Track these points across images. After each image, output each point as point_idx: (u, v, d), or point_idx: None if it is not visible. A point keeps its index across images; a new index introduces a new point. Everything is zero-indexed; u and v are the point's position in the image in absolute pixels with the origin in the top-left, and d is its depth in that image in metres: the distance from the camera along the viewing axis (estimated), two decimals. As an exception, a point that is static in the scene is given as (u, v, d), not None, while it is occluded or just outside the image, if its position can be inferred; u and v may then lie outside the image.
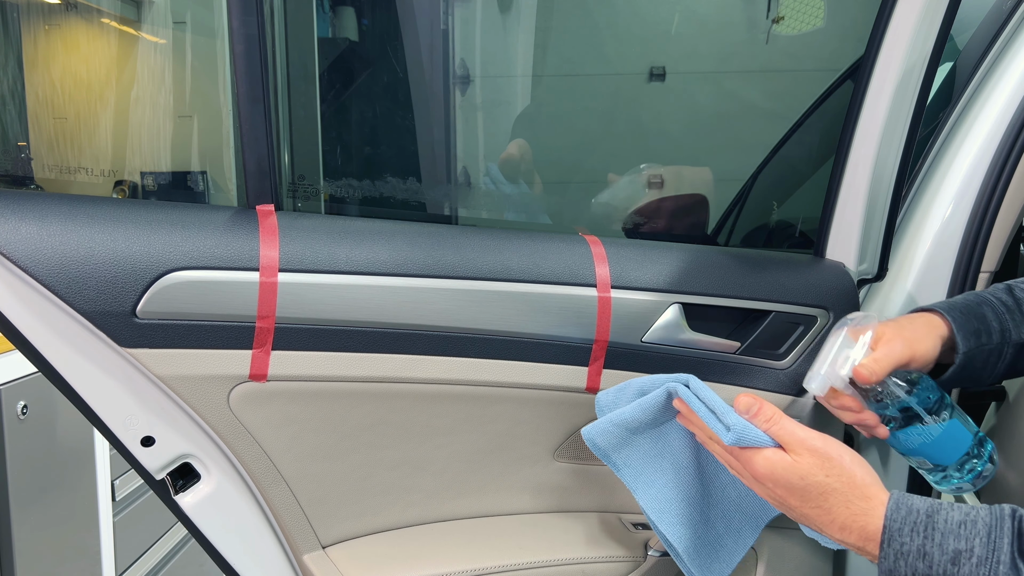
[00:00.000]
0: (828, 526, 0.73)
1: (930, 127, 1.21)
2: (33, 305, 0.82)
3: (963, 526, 0.66)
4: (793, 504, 0.75)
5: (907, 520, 0.68)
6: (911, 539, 0.67)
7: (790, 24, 1.33)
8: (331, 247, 0.91)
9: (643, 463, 0.92)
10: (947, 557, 0.65)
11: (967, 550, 0.64)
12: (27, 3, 1.87)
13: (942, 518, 0.67)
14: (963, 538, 0.65)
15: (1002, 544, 0.64)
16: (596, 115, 1.52)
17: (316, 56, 1.29)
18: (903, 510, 0.68)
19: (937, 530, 0.66)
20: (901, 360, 0.86)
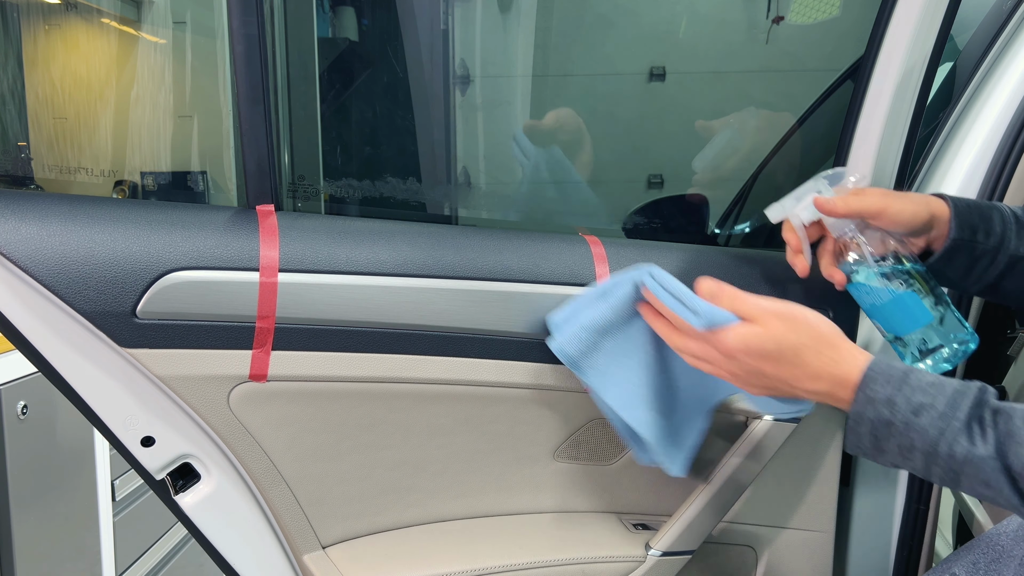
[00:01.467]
0: (801, 379, 0.78)
1: (930, 127, 1.21)
2: (33, 305, 0.82)
3: (932, 386, 0.72)
4: (768, 371, 0.79)
5: (884, 373, 0.74)
6: (883, 388, 0.73)
7: (803, 12, 1.32)
8: (331, 247, 0.91)
9: (610, 364, 0.93)
10: (910, 407, 0.71)
11: (929, 404, 0.71)
12: (27, 3, 1.87)
13: (916, 377, 0.73)
14: (929, 395, 0.71)
15: (962, 406, 0.70)
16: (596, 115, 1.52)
17: (316, 56, 1.29)
18: (883, 365, 0.75)
19: (908, 385, 0.72)
20: (869, 208, 0.88)
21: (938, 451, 0.70)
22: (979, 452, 0.68)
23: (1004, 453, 0.67)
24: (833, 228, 0.93)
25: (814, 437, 1.11)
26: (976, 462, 0.68)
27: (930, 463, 0.71)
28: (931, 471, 0.72)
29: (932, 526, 1.16)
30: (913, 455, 0.72)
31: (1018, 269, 0.91)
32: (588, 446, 1.07)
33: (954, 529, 1.61)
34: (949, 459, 0.70)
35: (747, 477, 1.05)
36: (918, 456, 0.71)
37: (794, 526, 1.14)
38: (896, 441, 0.72)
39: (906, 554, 1.15)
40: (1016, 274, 0.91)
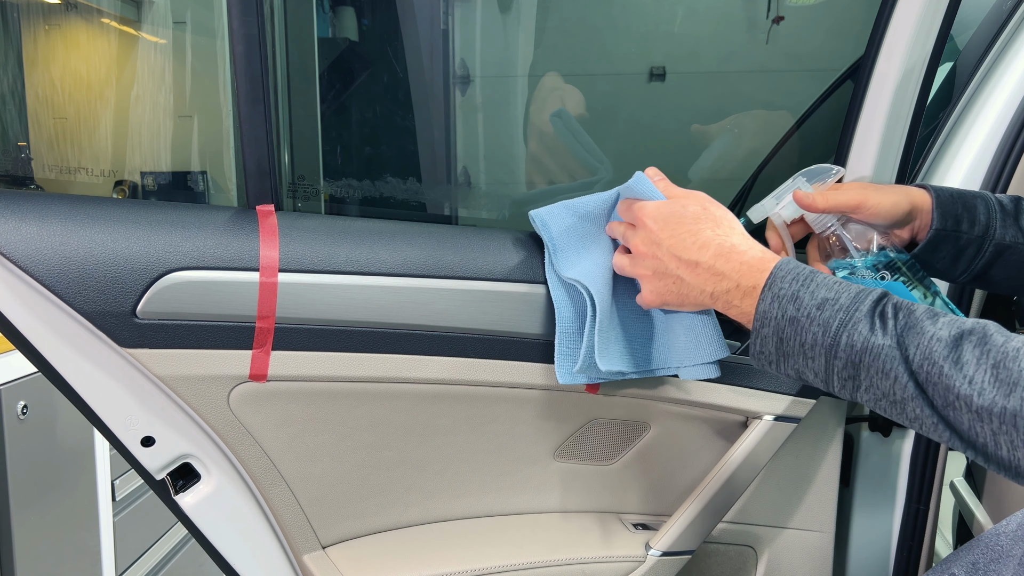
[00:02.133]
0: (689, 248, 0.79)
1: (930, 127, 1.21)
2: (33, 305, 0.82)
3: (837, 283, 0.73)
4: (664, 238, 0.81)
5: (791, 271, 0.74)
6: (790, 286, 0.73)
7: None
8: (331, 247, 0.91)
9: (575, 242, 0.94)
10: (815, 302, 0.71)
11: (833, 299, 0.71)
12: (27, 3, 1.87)
13: (822, 278, 0.74)
14: (834, 291, 0.72)
15: (865, 300, 0.70)
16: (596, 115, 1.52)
17: (316, 56, 1.29)
18: (791, 264, 0.75)
19: (815, 283, 0.73)
20: (848, 202, 0.89)
21: (839, 343, 0.70)
22: (877, 340, 0.68)
23: (903, 344, 0.67)
24: (815, 224, 0.93)
25: (814, 437, 1.11)
26: (874, 350, 0.68)
27: (831, 358, 0.71)
28: (832, 369, 0.71)
29: (932, 526, 1.16)
30: (815, 352, 0.71)
31: (1006, 257, 0.91)
32: (588, 446, 1.07)
33: (954, 529, 1.61)
34: (848, 350, 0.69)
35: (747, 477, 1.05)
36: (819, 353, 0.71)
37: (794, 526, 1.14)
38: (799, 339, 0.72)
39: (906, 554, 1.15)
40: (1004, 263, 0.91)
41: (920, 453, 1.13)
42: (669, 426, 1.08)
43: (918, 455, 1.13)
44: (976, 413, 0.64)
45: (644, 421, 1.07)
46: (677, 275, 0.81)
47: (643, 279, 0.86)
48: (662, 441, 1.09)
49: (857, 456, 1.17)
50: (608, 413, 1.05)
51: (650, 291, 0.85)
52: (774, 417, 1.04)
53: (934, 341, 0.66)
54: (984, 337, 0.66)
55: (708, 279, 0.78)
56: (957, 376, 0.65)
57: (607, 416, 1.05)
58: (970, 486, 1.50)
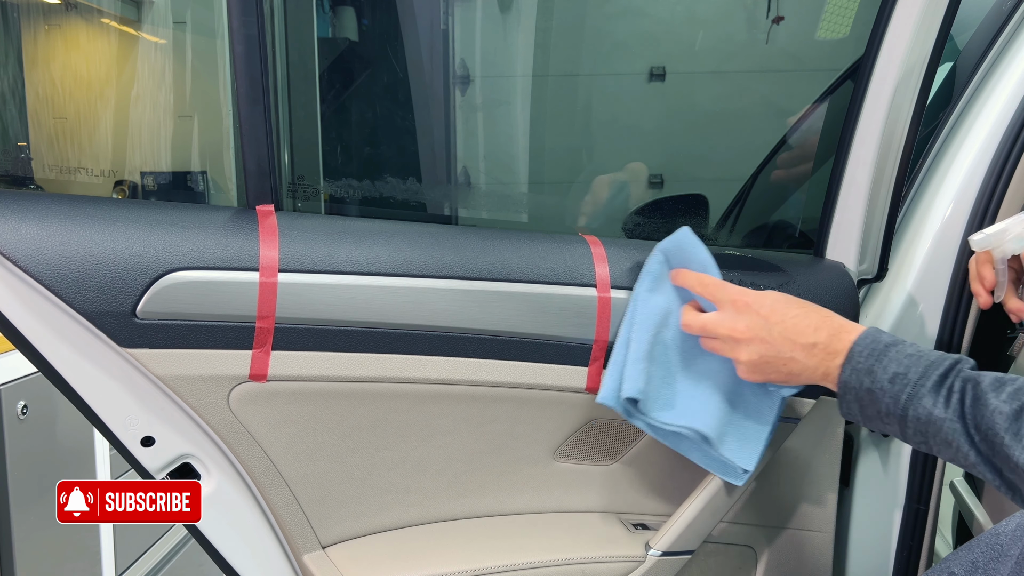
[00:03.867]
0: (804, 331, 0.84)
1: (930, 127, 1.21)
2: (33, 305, 0.82)
3: (910, 358, 0.79)
4: (775, 318, 0.86)
5: (868, 346, 0.81)
6: (865, 360, 0.80)
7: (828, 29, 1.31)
8: (331, 247, 0.91)
9: (660, 389, 0.96)
10: (887, 376, 0.78)
11: (903, 373, 0.78)
12: (27, 3, 1.87)
13: (896, 350, 0.80)
14: (904, 366, 0.78)
15: (932, 374, 0.76)
16: (596, 115, 1.52)
17: (316, 56, 1.29)
18: (868, 339, 0.82)
19: (888, 358, 0.79)
20: None
21: (907, 414, 0.77)
22: (939, 414, 0.75)
23: (966, 416, 0.73)
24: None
25: (814, 437, 1.11)
26: (937, 423, 0.75)
27: (903, 426, 0.78)
28: (907, 434, 0.78)
29: (932, 526, 1.16)
30: (890, 419, 0.79)
31: None
32: (588, 446, 1.07)
33: (954, 529, 1.61)
34: (915, 421, 0.76)
35: (747, 477, 1.05)
36: (893, 420, 0.78)
37: (794, 526, 1.14)
38: (876, 407, 0.79)
39: (906, 554, 1.15)
40: None
41: (920, 453, 1.13)
42: (669, 426, 1.08)
43: (918, 455, 1.13)
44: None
45: (644, 421, 1.07)
46: (790, 357, 0.85)
47: (746, 364, 0.88)
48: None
49: (857, 456, 1.17)
50: (608, 413, 1.05)
51: (752, 371, 0.88)
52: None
53: (996, 414, 0.72)
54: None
55: (823, 358, 0.83)
56: (1016, 447, 0.70)
57: (607, 416, 1.05)
58: (970, 486, 1.50)
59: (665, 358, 0.96)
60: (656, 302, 0.97)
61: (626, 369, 0.94)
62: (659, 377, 0.95)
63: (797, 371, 0.85)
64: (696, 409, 0.95)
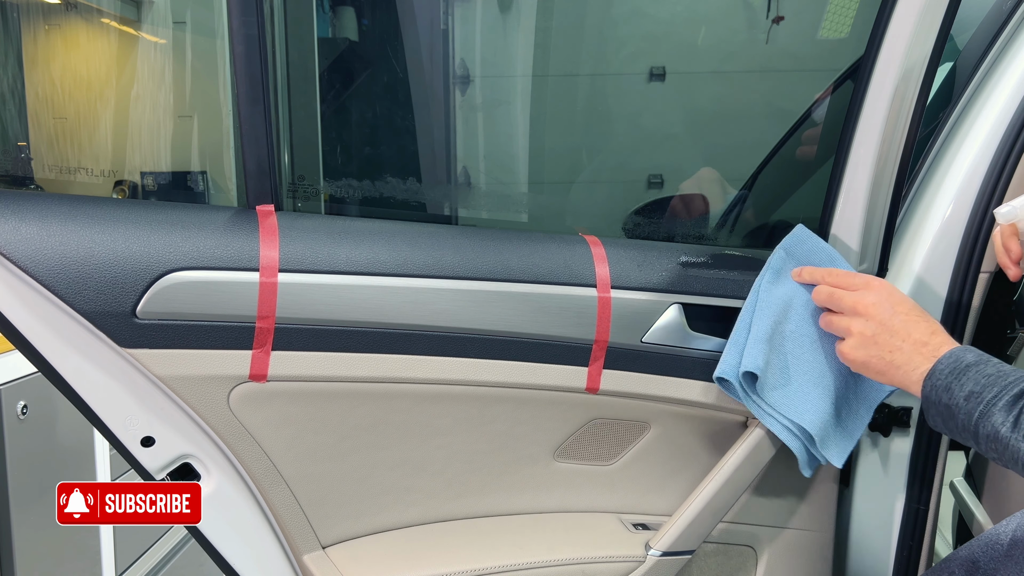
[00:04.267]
0: (911, 339, 0.88)
1: (930, 127, 1.21)
2: (33, 305, 0.82)
3: (988, 377, 0.81)
4: (897, 323, 0.89)
5: (950, 364, 0.84)
6: (945, 379, 0.83)
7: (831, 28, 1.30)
8: (331, 247, 0.91)
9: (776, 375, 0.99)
10: (963, 394, 0.81)
11: (979, 392, 0.80)
12: (27, 3, 1.87)
13: (976, 371, 0.82)
14: (981, 384, 0.80)
15: (1004, 395, 0.78)
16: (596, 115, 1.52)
17: (316, 56, 1.29)
18: (953, 357, 0.84)
19: (967, 376, 0.82)
20: None
21: (979, 431, 0.79)
22: (1006, 434, 0.76)
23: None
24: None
25: (814, 437, 1.11)
26: (1003, 442, 0.77)
27: (977, 440, 0.80)
28: (983, 449, 0.81)
29: (932, 526, 1.16)
30: (966, 434, 0.81)
31: None
32: (588, 446, 1.07)
33: (954, 529, 1.61)
34: (986, 438, 0.79)
35: (747, 477, 1.05)
36: (969, 436, 0.81)
37: (794, 526, 1.14)
38: (954, 422, 0.82)
39: (906, 554, 1.15)
40: None
41: (920, 453, 1.13)
42: (669, 426, 1.08)
43: (918, 455, 1.13)
44: None
45: (644, 421, 1.07)
46: (899, 345, 0.88)
47: (858, 337, 0.91)
48: (662, 441, 1.09)
49: (857, 456, 1.17)
50: (608, 413, 1.05)
51: (859, 346, 0.91)
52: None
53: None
54: None
55: (923, 361, 0.86)
56: None
57: (607, 416, 1.05)
58: (970, 486, 1.50)
59: (782, 348, 0.98)
60: (777, 294, 0.99)
61: (748, 347, 0.97)
62: (776, 364, 0.98)
63: (899, 362, 0.88)
64: (805, 406, 0.97)
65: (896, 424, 1.15)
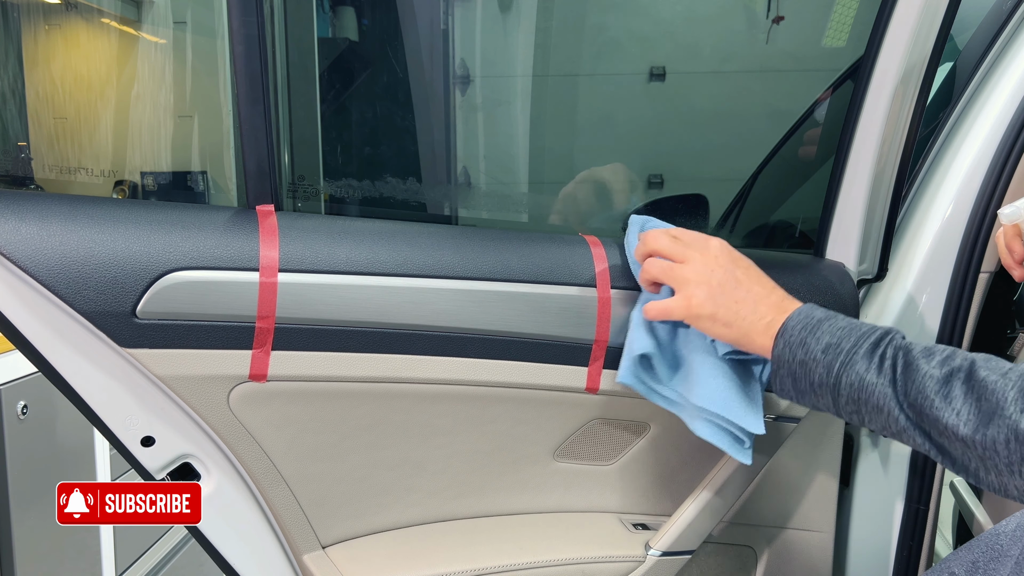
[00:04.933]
0: (759, 295, 0.85)
1: (930, 127, 1.21)
2: (33, 305, 0.82)
3: (843, 330, 0.79)
4: (741, 275, 0.86)
5: (802, 320, 0.81)
6: (799, 333, 0.81)
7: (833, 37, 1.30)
8: (331, 247, 0.91)
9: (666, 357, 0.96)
10: (820, 347, 0.79)
11: (836, 343, 0.78)
12: (27, 3, 1.87)
13: (829, 324, 0.80)
14: (838, 336, 0.79)
15: (864, 343, 0.77)
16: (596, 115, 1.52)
17: (316, 56, 1.29)
18: (803, 314, 0.82)
19: (821, 330, 0.80)
20: None
21: (840, 383, 0.77)
22: (871, 379, 0.75)
23: (895, 380, 0.74)
24: None
25: (814, 437, 1.11)
26: (868, 388, 0.75)
27: (836, 397, 0.78)
28: (839, 405, 0.78)
29: (932, 526, 1.16)
30: (823, 390, 0.79)
31: None
32: (588, 446, 1.07)
33: (954, 529, 1.61)
34: (848, 388, 0.77)
35: (747, 477, 1.05)
36: (826, 392, 0.79)
37: (794, 526, 1.14)
38: (809, 379, 0.80)
39: (906, 554, 1.15)
40: None
41: (920, 453, 1.13)
42: (669, 426, 1.08)
43: (918, 455, 1.14)
44: (963, 442, 0.70)
45: (644, 421, 1.07)
46: (744, 295, 0.85)
47: (703, 288, 0.86)
48: (662, 441, 1.09)
49: (857, 456, 1.17)
50: (608, 413, 1.05)
51: (707, 300, 0.85)
52: (774, 417, 1.04)
53: (927, 378, 0.73)
54: (971, 372, 0.71)
55: (769, 310, 0.84)
56: (946, 409, 0.71)
57: (607, 416, 1.05)
58: (970, 486, 1.50)
59: (670, 340, 0.96)
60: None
61: (630, 335, 0.95)
62: (667, 358, 0.96)
63: (744, 312, 0.84)
64: (710, 390, 0.93)
65: (896, 424, 1.15)
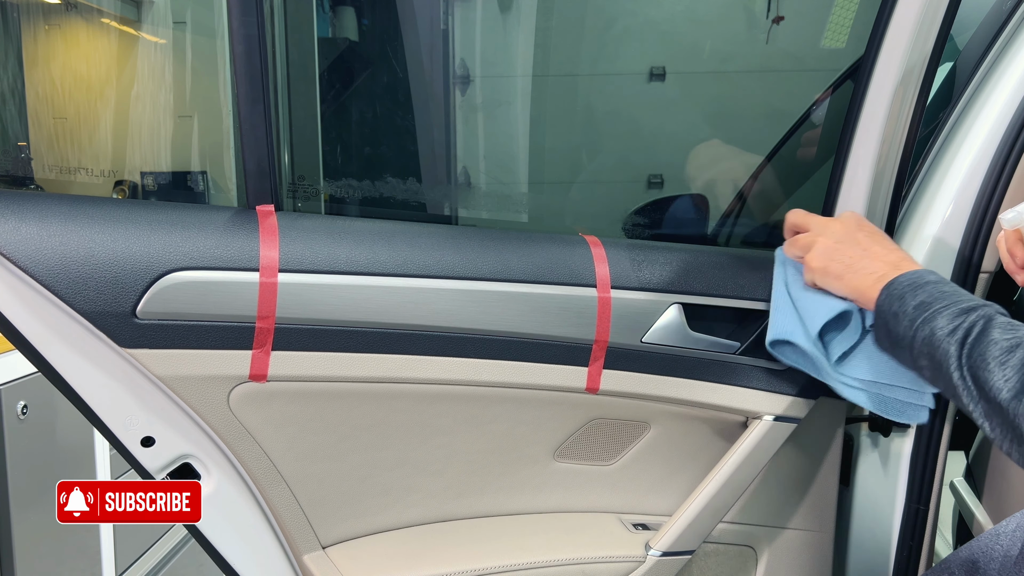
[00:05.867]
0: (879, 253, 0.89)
1: (930, 127, 1.21)
2: (33, 305, 0.82)
3: (942, 293, 0.81)
4: (862, 238, 0.91)
5: (911, 278, 0.84)
6: (902, 288, 0.84)
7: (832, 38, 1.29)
8: (331, 247, 0.91)
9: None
10: (914, 303, 0.82)
11: (929, 303, 0.80)
12: (27, 3, 1.87)
13: (934, 287, 0.82)
14: (933, 297, 0.81)
15: (951, 306, 0.79)
16: (596, 115, 1.52)
17: (316, 56, 1.29)
18: (915, 274, 0.85)
19: (923, 290, 0.82)
20: None
21: (916, 336, 0.80)
22: (940, 334, 0.77)
23: (964, 341, 0.75)
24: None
25: (814, 437, 1.11)
26: (936, 342, 0.77)
27: (912, 349, 0.81)
28: (913, 358, 0.81)
29: (932, 526, 1.16)
30: (904, 343, 0.82)
31: None
32: (588, 446, 1.07)
33: (954, 529, 1.61)
34: (921, 342, 0.79)
35: (747, 477, 1.05)
36: (906, 345, 0.82)
37: (794, 526, 1.14)
38: (897, 331, 0.82)
39: (906, 554, 1.15)
40: None
41: (920, 453, 1.13)
42: (669, 426, 1.08)
43: (918, 455, 1.13)
44: (1000, 407, 0.70)
45: (644, 421, 1.07)
46: (862, 252, 0.90)
47: (820, 244, 0.92)
48: (662, 441, 1.09)
49: (857, 456, 1.17)
50: (608, 413, 1.05)
51: (819, 256, 0.92)
52: (774, 417, 1.04)
53: (992, 344, 0.73)
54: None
55: (883, 266, 0.87)
56: (998, 373, 0.71)
57: (607, 416, 1.05)
58: (970, 486, 1.50)
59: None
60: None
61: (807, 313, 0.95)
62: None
63: (857, 267, 0.89)
64: (876, 365, 0.95)
65: (896, 424, 1.15)
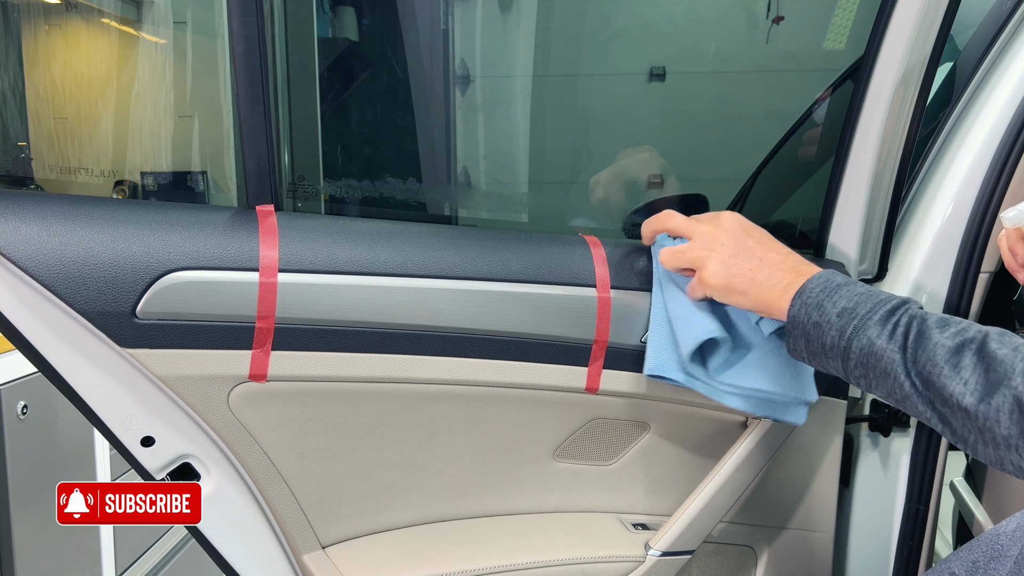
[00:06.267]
0: (772, 260, 0.87)
1: (930, 127, 1.21)
2: (33, 305, 0.82)
3: (860, 296, 0.79)
4: (753, 244, 0.88)
5: (821, 283, 0.82)
6: (817, 296, 0.81)
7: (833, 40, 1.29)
8: (331, 247, 0.91)
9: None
10: (835, 310, 0.79)
11: (852, 308, 0.79)
12: (27, 3, 1.87)
13: (847, 289, 0.81)
14: (853, 301, 0.79)
15: (880, 309, 0.77)
16: (596, 115, 1.52)
17: (316, 56, 1.29)
18: (823, 277, 0.83)
19: (839, 294, 0.80)
20: None
21: (851, 346, 0.78)
22: (880, 344, 0.76)
23: (906, 347, 0.74)
24: None
25: (814, 437, 1.11)
26: (878, 353, 0.76)
27: (846, 360, 0.79)
28: (848, 368, 0.79)
29: (932, 526, 1.16)
30: (834, 354, 0.79)
31: None
32: (588, 446, 1.07)
33: (954, 529, 1.61)
34: (858, 353, 0.77)
35: (747, 477, 1.05)
36: (836, 355, 0.79)
37: (794, 526, 1.15)
38: (821, 341, 0.80)
39: (906, 554, 1.15)
40: None
41: (920, 453, 1.13)
42: (669, 426, 1.08)
43: (918, 455, 1.14)
44: (965, 412, 0.70)
45: (644, 421, 1.07)
46: (759, 263, 0.86)
47: (714, 260, 0.88)
48: (662, 441, 1.09)
49: (857, 456, 1.17)
50: (608, 413, 1.05)
51: (719, 272, 0.87)
52: (774, 417, 1.04)
53: (938, 348, 0.72)
54: (983, 344, 0.71)
55: (785, 275, 0.85)
56: (954, 378, 0.70)
57: (607, 416, 1.05)
58: (970, 486, 1.50)
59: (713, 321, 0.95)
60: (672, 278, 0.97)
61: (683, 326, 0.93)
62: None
63: (760, 279, 0.85)
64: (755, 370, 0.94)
65: (896, 424, 1.15)
